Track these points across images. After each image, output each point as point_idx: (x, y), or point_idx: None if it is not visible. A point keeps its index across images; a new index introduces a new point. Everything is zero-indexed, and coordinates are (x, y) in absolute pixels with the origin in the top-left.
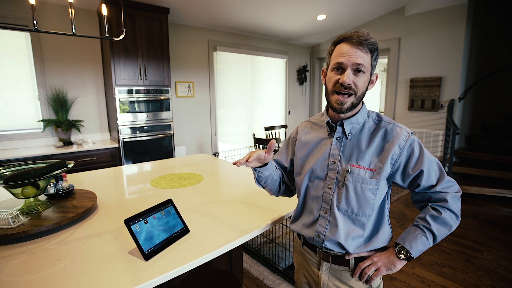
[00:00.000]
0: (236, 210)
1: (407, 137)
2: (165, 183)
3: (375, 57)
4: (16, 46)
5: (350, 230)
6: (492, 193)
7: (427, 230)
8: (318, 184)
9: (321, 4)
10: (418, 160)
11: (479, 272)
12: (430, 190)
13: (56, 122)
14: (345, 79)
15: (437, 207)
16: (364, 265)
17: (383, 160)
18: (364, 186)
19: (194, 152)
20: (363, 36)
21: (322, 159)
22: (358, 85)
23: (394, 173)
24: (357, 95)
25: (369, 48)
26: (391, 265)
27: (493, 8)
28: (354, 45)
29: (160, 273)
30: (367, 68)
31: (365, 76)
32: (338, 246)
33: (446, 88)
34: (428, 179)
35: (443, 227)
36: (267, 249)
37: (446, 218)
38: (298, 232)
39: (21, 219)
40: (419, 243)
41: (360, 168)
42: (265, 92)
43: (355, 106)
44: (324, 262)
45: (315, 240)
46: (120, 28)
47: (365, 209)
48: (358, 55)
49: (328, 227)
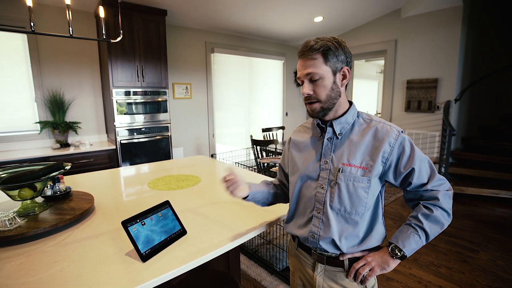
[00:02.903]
0: (234, 211)
1: (397, 135)
2: (163, 185)
3: (332, 56)
4: (13, 47)
5: (343, 229)
6: (488, 193)
7: (420, 229)
8: (310, 184)
9: (318, 6)
10: (409, 158)
11: (475, 272)
12: (421, 188)
13: (53, 124)
14: (304, 91)
15: (428, 205)
16: (358, 265)
17: (374, 158)
18: (356, 184)
19: (191, 153)
20: (307, 46)
21: (315, 160)
22: (318, 92)
23: (386, 171)
24: (322, 100)
25: (317, 53)
26: (385, 264)
27: (489, 10)
28: (302, 58)
29: (157, 275)
30: (321, 73)
31: (324, 80)
32: (332, 246)
33: (443, 90)
34: (419, 177)
35: (435, 225)
36: (265, 250)
37: (438, 216)
38: (292, 234)
39: (18, 221)
40: (412, 242)
41: (351, 167)
42: (263, 93)
43: (329, 109)
44: (319, 263)
45: (310, 240)
46: (117, 30)
47: (357, 208)
48: (307, 65)
49: (322, 227)
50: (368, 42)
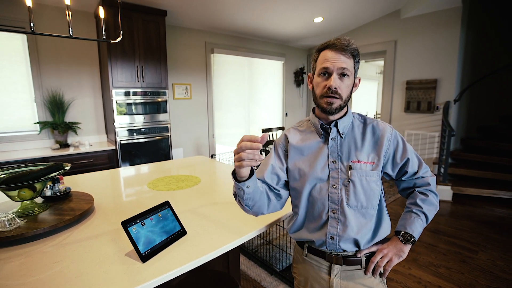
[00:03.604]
0: (233, 211)
1: (391, 131)
2: (162, 185)
3: (357, 61)
4: (12, 48)
5: (361, 224)
6: (487, 194)
7: (420, 213)
8: (321, 186)
9: (318, 6)
10: (403, 150)
11: (474, 272)
12: (414, 177)
13: (52, 124)
14: (332, 83)
15: (423, 191)
16: (376, 259)
17: (378, 153)
18: (369, 178)
19: (191, 154)
20: (346, 42)
21: (322, 162)
22: (343, 88)
23: (386, 164)
24: (343, 98)
25: (352, 54)
26: (401, 252)
27: (488, 11)
28: (338, 51)
29: (157, 275)
30: (351, 72)
31: (349, 79)
32: (352, 244)
33: (442, 90)
34: (412, 166)
35: (431, 207)
36: (264, 250)
37: (432, 199)
38: (304, 240)
39: (17, 222)
40: (417, 226)
41: (361, 163)
42: (263, 94)
43: (342, 108)
44: (335, 265)
45: (328, 243)
46: (117, 31)
47: (373, 201)
48: (342, 60)
49: (340, 227)
50: (368, 42)
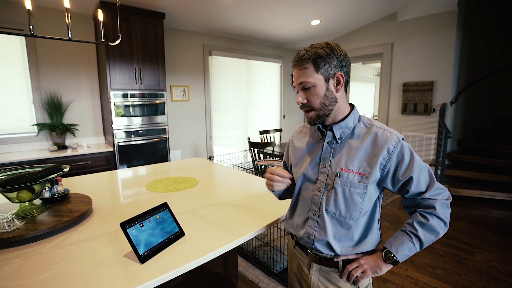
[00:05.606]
0: (231, 213)
1: (397, 142)
2: (160, 187)
3: (324, 63)
4: (10, 49)
5: (337, 232)
6: (484, 195)
7: (414, 236)
8: (309, 186)
9: (315, 9)
10: (408, 166)
11: (471, 274)
12: (419, 197)
13: (50, 126)
14: (297, 101)
15: (425, 214)
16: (351, 267)
17: (372, 165)
18: (352, 189)
19: (189, 156)
20: (298, 55)
21: (314, 163)
22: (311, 100)
23: (384, 178)
24: (316, 108)
25: (309, 62)
26: (377, 268)
27: (484, 13)
28: (296, 68)
29: (155, 276)
30: (313, 82)
31: (317, 88)
32: (327, 248)
33: (438, 92)
34: (417, 186)
35: (430, 233)
36: (262, 252)
37: (433, 225)
38: (290, 232)
39: (16, 223)
40: (405, 249)
41: (349, 172)
42: (260, 96)
43: (325, 116)
44: (314, 263)
45: (305, 241)
46: (115, 33)
47: (352, 212)
48: (300, 74)
49: (317, 229)
50: (365, 45)
